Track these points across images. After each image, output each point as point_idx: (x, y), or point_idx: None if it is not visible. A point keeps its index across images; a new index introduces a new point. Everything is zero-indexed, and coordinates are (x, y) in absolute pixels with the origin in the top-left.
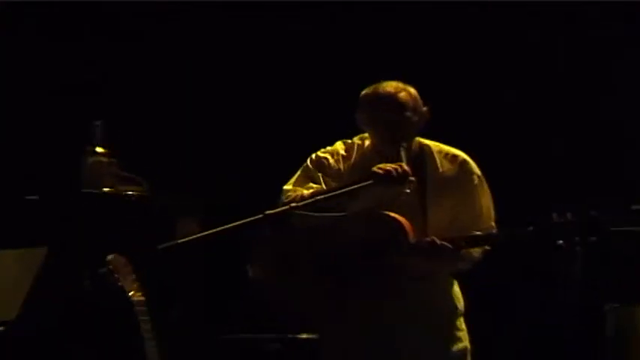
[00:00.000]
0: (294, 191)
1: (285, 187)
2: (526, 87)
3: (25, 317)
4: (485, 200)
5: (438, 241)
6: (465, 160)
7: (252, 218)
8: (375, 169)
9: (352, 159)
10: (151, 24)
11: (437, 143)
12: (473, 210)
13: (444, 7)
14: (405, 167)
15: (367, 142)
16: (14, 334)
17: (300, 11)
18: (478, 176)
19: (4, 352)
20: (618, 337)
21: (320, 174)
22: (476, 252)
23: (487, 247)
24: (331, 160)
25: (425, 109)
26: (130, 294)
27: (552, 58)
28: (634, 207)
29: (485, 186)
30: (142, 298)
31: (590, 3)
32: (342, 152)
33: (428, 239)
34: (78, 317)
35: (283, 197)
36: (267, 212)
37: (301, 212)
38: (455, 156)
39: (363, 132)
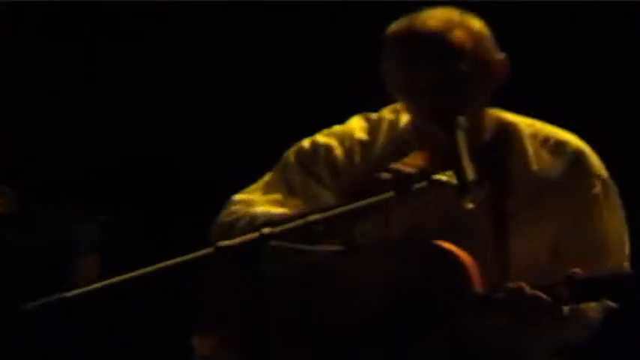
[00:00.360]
0: (246, 205)
1: (236, 196)
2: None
3: None
4: (614, 222)
5: (529, 290)
6: (580, 153)
7: (195, 254)
8: (382, 174)
9: (379, 145)
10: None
11: (531, 121)
12: (590, 236)
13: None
14: (465, 163)
15: (404, 117)
16: None
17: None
18: (603, 181)
19: None
20: None
21: (309, 179)
22: (593, 310)
23: (611, 304)
24: (337, 151)
25: (501, 57)
26: None
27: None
28: None
29: (616, 198)
30: None
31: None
32: (361, 135)
33: (511, 286)
34: None
35: (221, 216)
36: (220, 244)
37: (279, 244)
38: (561, 144)
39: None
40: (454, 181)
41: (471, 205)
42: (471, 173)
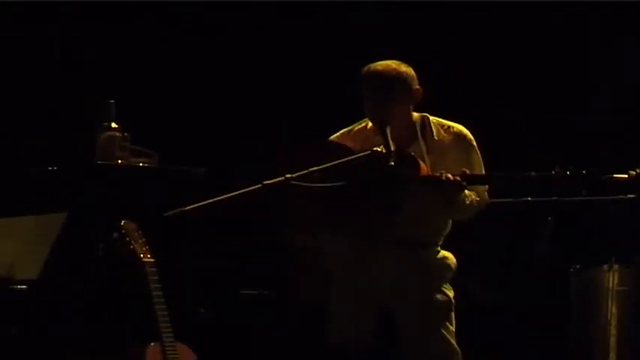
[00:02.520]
0: None
1: None
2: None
3: (47, 276)
4: (480, 161)
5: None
6: (460, 131)
7: (250, 188)
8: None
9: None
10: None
11: (436, 118)
12: (471, 166)
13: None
14: (389, 142)
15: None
16: (36, 292)
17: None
18: (473, 146)
19: (26, 309)
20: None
21: None
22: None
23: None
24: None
25: (417, 87)
26: (140, 256)
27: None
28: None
29: (479, 155)
30: (152, 260)
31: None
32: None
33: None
34: (93, 277)
35: None
36: (265, 182)
37: (297, 183)
38: (451, 127)
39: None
40: (384, 150)
41: (392, 163)
42: (391, 147)
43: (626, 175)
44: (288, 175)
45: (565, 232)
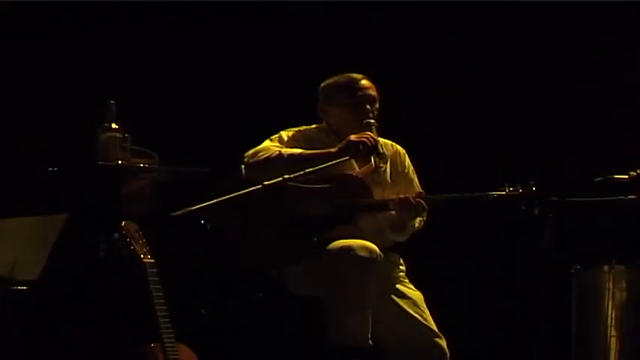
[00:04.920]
0: (276, 147)
1: (265, 143)
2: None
3: (47, 278)
4: (415, 174)
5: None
6: (400, 150)
7: (251, 189)
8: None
9: (314, 138)
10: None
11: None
12: (410, 178)
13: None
14: (380, 144)
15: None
16: (37, 293)
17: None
18: (408, 162)
19: (27, 309)
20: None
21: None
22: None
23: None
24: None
25: None
26: (141, 257)
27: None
28: (596, 179)
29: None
30: (152, 261)
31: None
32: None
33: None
34: (93, 278)
35: (258, 151)
36: (265, 183)
37: (294, 184)
38: (394, 145)
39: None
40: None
41: (383, 163)
42: (381, 149)
43: (626, 176)
44: (286, 176)
45: (566, 232)
